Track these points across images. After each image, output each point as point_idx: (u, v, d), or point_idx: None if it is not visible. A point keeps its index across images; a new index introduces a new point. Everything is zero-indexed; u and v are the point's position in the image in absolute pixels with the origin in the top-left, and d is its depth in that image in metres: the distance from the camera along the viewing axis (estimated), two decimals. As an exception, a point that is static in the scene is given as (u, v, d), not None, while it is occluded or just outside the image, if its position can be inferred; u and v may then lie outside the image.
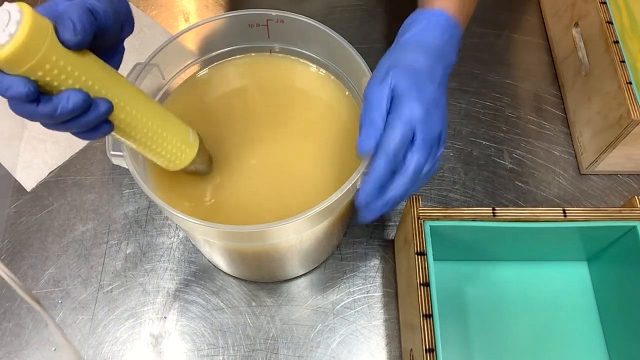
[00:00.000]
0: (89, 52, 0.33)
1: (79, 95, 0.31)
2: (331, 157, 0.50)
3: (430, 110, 0.39)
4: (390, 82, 0.40)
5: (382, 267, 0.58)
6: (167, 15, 0.75)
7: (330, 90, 0.54)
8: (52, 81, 0.30)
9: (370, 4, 0.77)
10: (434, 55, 0.42)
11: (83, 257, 0.58)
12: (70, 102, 0.31)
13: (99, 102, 0.33)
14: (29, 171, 0.62)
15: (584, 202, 0.63)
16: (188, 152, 0.44)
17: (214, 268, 0.58)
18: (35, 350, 0.53)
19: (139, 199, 0.61)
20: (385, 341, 0.54)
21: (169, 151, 0.42)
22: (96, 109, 0.33)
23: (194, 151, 0.44)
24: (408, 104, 0.38)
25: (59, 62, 0.30)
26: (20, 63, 0.29)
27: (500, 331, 0.54)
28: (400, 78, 0.39)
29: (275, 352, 0.53)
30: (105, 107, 0.33)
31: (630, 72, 0.56)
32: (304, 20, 0.49)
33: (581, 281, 0.57)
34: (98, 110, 0.33)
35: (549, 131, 0.67)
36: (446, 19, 0.44)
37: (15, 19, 0.28)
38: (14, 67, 0.29)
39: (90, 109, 0.33)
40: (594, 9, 0.62)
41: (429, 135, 0.39)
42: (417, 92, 0.39)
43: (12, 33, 0.28)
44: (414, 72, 0.40)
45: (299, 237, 0.46)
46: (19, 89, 0.29)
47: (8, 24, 0.27)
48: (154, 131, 0.39)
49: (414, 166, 0.39)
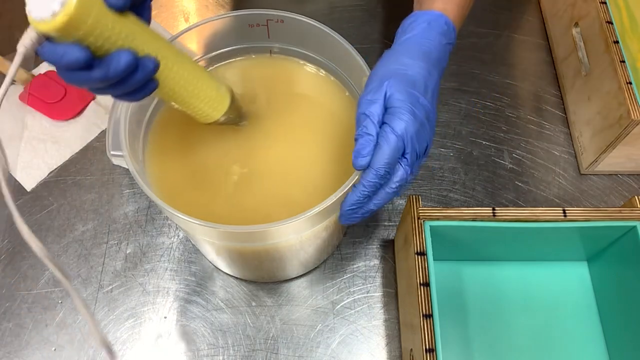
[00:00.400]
0: (130, 12, 0.33)
1: (128, 55, 0.32)
2: (331, 157, 0.50)
3: (422, 124, 0.40)
4: (384, 93, 0.40)
5: (382, 267, 0.58)
6: (167, 15, 0.75)
7: (330, 90, 0.54)
8: (103, 45, 0.31)
9: (370, 4, 0.77)
10: (432, 60, 0.42)
11: (83, 257, 0.58)
12: (121, 63, 0.31)
13: (146, 60, 0.34)
14: (29, 171, 0.62)
15: (584, 202, 0.63)
16: (223, 102, 0.45)
17: (214, 268, 0.58)
18: (35, 350, 0.53)
19: (139, 199, 0.61)
20: (385, 341, 0.54)
21: (206, 103, 0.43)
22: (144, 67, 0.34)
23: (227, 101, 0.45)
24: (402, 118, 0.39)
25: (107, 25, 0.31)
26: (74, 30, 0.29)
27: (500, 331, 0.54)
28: (394, 89, 0.39)
29: (275, 352, 0.53)
30: (152, 64, 0.34)
31: (630, 72, 0.57)
32: (304, 20, 0.49)
33: (581, 281, 0.57)
34: (146, 67, 0.34)
35: (549, 131, 0.67)
36: (446, 22, 0.44)
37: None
38: (68, 34, 0.29)
39: (139, 68, 0.33)
40: (594, 9, 0.62)
41: (416, 150, 0.40)
42: (410, 105, 0.39)
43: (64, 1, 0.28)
44: (409, 82, 0.40)
45: (299, 237, 0.46)
46: (75, 55, 0.30)
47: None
48: (192, 84, 0.40)
49: (398, 181, 0.40)
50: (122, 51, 0.32)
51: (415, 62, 0.41)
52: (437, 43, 0.43)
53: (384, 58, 0.43)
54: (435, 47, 0.42)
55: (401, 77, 0.40)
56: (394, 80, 0.40)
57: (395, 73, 0.40)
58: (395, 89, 0.39)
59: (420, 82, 0.40)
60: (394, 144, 0.38)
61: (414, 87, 0.40)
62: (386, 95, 0.40)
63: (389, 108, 0.39)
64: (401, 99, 0.39)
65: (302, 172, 0.49)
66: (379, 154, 0.38)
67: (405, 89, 0.39)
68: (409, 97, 0.39)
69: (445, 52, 0.44)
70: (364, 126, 0.39)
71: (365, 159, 0.39)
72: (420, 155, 0.41)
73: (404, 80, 0.40)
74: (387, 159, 0.38)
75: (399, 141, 0.38)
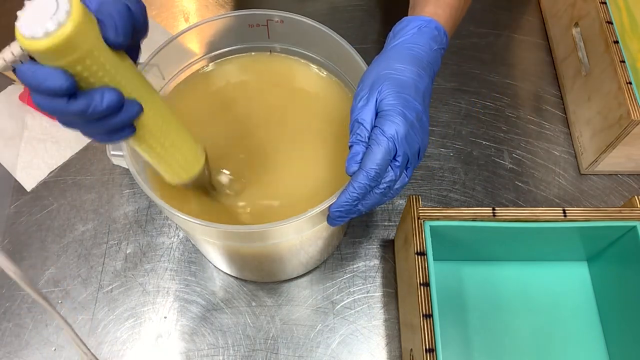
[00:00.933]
0: (123, 52, 0.32)
1: (114, 94, 0.30)
2: (331, 157, 0.50)
3: (414, 126, 0.39)
4: (376, 98, 0.40)
5: (382, 267, 0.58)
6: (167, 15, 0.75)
7: (330, 91, 0.54)
8: (89, 77, 0.29)
9: (370, 4, 0.77)
10: (422, 65, 0.42)
11: (83, 257, 0.58)
12: (105, 101, 0.30)
13: (130, 103, 0.32)
14: (29, 171, 0.62)
15: (584, 202, 0.63)
16: (195, 165, 0.43)
17: (214, 268, 0.58)
18: (35, 350, 0.53)
19: (139, 199, 0.61)
20: (385, 341, 0.54)
21: (178, 161, 0.41)
22: (128, 110, 0.32)
23: (201, 164, 0.43)
24: (392, 121, 0.39)
25: (99, 59, 0.29)
26: (62, 54, 0.28)
27: (500, 331, 0.54)
28: (385, 93, 0.39)
29: (275, 352, 0.53)
30: (136, 108, 0.33)
31: (630, 72, 0.57)
32: (304, 20, 0.49)
33: (581, 281, 0.57)
34: (129, 111, 0.32)
35: (549, 131, 0.67)
36: (436, 27, 0.44)
37: (64, 9, 0.27)
38: (54, 57, 0.28)
39: (122, 110, 0.32)
40: (594, 9, 0.62)
41: (407, 154, 0.39)
42: (402, 108, 0.39)
43: (61, 22, 0.27)
44: (400, 86, 0.40)
45: (299, 237, 0.46)
46: (58, 81, 0.28)
47: (56, 12, 0.26)
48: (169, 138, 0.38)
49: (387, 182, 0.39)
50: (107, 88, 0.30)
51: (406, 67, 0.41)
52: (428, 48, 0.43)
53: (374, 63, 0.43)
54: (425, 52, 0.42)
55: (392, 81, 0.40)
56: (385, 85, 0.40)
57: (386, 77, 0.40)
58: (386, 93, 0.39)
59: (411, 86, 0.40)
60: (384, 146, 0.38)
61: (404, 90, 0.40)
62: (377, 101, 0.40)
63: (380, 112, 0.39)
64: (392, 102, 0.39)
65: (303, 173, 0.49)
66: (369, 156, 0.38)
67: (396, 92, 0.39)
68: (399, 100, 0.39)
69: (436, 57, 0.44)
70: (357, 133, 0.40)
71: (358, 165, 0.39)
72: (413, 158, 0.40)
73: (395, 84, 0.40)
74: (377, 160, 0.38)
75: (390, 143, 0.38)
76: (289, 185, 0.49)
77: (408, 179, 0.41)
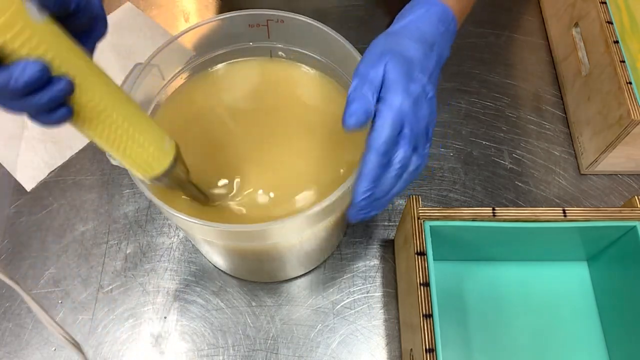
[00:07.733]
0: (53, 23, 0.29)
1: (36, 65, 0.27)
2: (331, 157, 0.50)
3: (419, 102, 0.38)
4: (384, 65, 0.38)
5: (382, 267, 0.58)
6: (167, 15, 0.75)
7: (330, 91, 0.54)
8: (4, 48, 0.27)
9: (370, 4, 0.77)
10: (429, 46, 0.41)
11: (83, 257, 0.58)
12: (26, 73, 0.27)
13: (57, 78, 0.29)
14: (29, 171, 0.62)
15: (584, 202, 0.63)
16: (161, 160, 0.39)
17: (214, 268, 0.58)
18: (35, 350, 0.53)
19: (139, 199, 0.61)
20: (385, 341, 0.54)
21: (138, 155, 0.37)
22: (54, 85, 0.29)
23: (168, 160, 0.39)
24: (398, 93, 0.37)
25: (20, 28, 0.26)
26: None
27: (500, 331, 0.54)
28: (391, 65, 0.38)
29: (275, 352, 0.53)
30: (64, 84, 0.29)
31: (630, 72, 0.57)
32: (304, 20, 0.49)
33: (581, 281, 0.57)
34: (56, 86, 0.29)
35: (549, 131, 0.67)
36: (444, 11, 0.43)
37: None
38: None
39: (48, 85, 0.29)
40: (594, 9, 0.62)
41: (415, 129, 0.38)
42: (407, 81, 0.38)
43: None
44: (406, 61, 0.39)
45: (299, 237, 0.46)
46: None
47: None
48: (121, 127, 0.34)
49: (400, 160, 0.38)
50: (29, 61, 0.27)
51: (413, 45, 0.40)
52: (434, 29, 0.42)
53: (379, 39, 0.41)
54: (431, 33, 0.42)
55: (399, 55, 0.39)
56: (392, 56, 0.38)
57: (393, 49, 0.39)
58: (393, 64, 0.38)
59: (417, 61, 0.39)
60: (390, 119, 0.36)
61: (411, 65, 0.39)
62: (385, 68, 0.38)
63: (385, 83, 0.38)
64: (398, 74, 0.38)
65: (302, 172, 0.49)
66: (376, 132, 0.37)
67: (402, 65, 0.38)
68: (405, 73, 0.38)
69: (444, 40, 0.43)
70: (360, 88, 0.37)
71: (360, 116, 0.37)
72: (421, 135, 0.39)
73: (402, 58, 0.39)
74: (384, 135, 0.36)
75: (396, 116, 0.37)
76: (289, 186, 0.49)
77: (423, 161, 0.40)
